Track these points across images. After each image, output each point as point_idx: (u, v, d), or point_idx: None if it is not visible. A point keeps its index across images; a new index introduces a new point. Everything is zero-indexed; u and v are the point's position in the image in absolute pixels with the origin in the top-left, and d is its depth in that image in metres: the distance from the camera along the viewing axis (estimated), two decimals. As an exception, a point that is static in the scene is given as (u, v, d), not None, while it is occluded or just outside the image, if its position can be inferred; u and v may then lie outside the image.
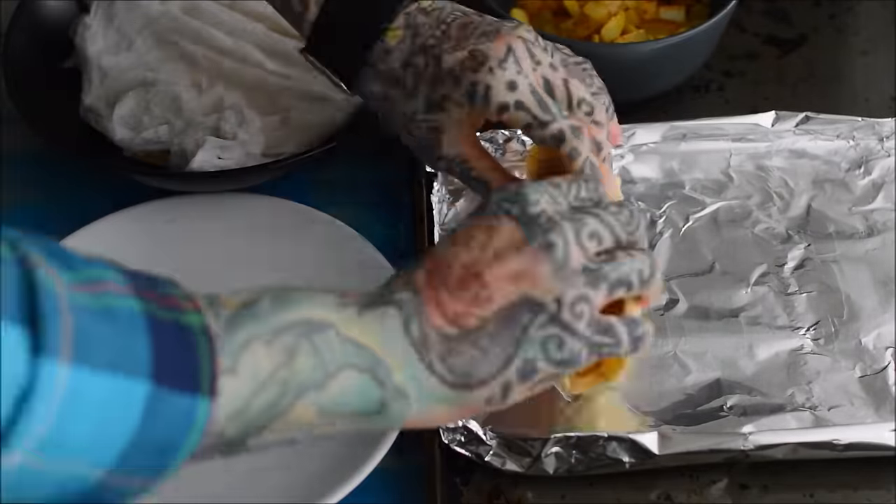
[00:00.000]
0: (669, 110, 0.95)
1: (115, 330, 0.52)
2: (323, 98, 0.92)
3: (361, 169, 0.93)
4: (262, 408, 0.57)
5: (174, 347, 0.54)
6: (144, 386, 0.52)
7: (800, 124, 0.91)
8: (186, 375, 0.54)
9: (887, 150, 0.90)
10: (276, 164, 0.87)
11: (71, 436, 0.51)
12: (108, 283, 0.53)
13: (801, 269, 0.84)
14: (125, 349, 0.52)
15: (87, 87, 0.93)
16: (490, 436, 0.74)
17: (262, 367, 0.57)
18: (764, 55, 1.01)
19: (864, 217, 0.87)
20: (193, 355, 0.54)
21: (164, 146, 0.90)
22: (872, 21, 1.04)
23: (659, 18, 0.97)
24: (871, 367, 0.79)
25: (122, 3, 0.96)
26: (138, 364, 0.52)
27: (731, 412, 0.77)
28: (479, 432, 0.74)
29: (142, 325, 0.53)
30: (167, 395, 0.53)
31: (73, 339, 0.50)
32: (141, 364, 0.52)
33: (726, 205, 0.88)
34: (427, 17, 0.76)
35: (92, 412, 0.51)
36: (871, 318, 0.81)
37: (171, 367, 0.53)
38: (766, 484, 0.75)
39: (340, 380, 0.59)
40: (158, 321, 0.54)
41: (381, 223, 0.89)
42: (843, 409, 0.77)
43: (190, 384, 0.54)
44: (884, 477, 0.75)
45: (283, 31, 0.95)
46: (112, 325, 0.52)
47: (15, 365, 0.49)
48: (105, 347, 0.51)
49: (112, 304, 0.52)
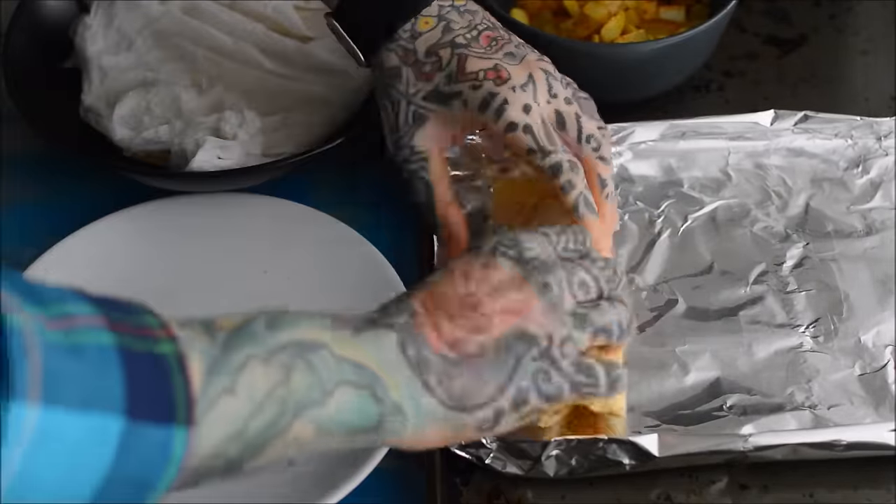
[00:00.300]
0: (669, 110, 0.95)
1: (86, 367, 0.51)
2: (323, 98, 0.92)
3: (361, 169, 0.93)
4: (262, 427, 0.58)
5: (148, 379, 0.54)
6: (118, 422, 0.52)
7: (798, 123, 0.91)
8: (162, 406, 0.54)
9: (885, 149, 0.90)
10: (276, 164, 0.87)
11: (41, 477, 0.50)
12: (79, 317, 0.53)
13: (799, 268, 0.84)
14: (97, 385, 0.52)
15: (87, 87, 0.93)
16: (490, 439, 0.74)
17: (260, 386, 0.58)
18: (764, 55, 1.01)
19: (862, 216, 0.87)
20: (168, 384, 0.54)
21: (164, 146, 0.90)
22: (872, 21, 1.04)
23: (659, 18, 0.97)
24: (870, 365, 0.79)
25: (122, 3, 0.96)
26: (111, 400, 0.52)
27: (731, 412, 0.77)
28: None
29: (114, 358, 0.53)
30: (141, 428, 0.53)
31: (42, 379, 0.50)
32: (114, 399, 0.52)
33: (725, 204, 0.88)
34: (460, 18, 0.79)
35: (64, 451, 0.50)
36: (870, 316, 0.81)
37: (146, 399, 0.53)
38: (765, 484, 0.75)
39: (338, 397, 0.60)
40: (131, 353, 0.53)
41: (381, 223, 0.89)
42: (842, 407, 0.77)
43: (165, 415, 0.54)
44: (884, 477, 0.75)
45: (283, 31, 0.95)
46: (83, 362, 0.51)
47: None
48: (76, 385, 0.51)
49: (83, 340, 0.52)
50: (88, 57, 0.94)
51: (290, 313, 0.62)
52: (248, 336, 0.59)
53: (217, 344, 0.57)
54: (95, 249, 0.86)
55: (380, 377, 0.62)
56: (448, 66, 0.78)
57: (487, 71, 0.77)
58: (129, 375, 0.52)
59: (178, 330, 0.57)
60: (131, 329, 0.54)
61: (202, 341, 0.57)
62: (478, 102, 0.77)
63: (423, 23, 0.79)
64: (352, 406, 0.61)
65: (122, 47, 0.95)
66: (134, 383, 0.52)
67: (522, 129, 0.76)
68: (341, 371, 0.60)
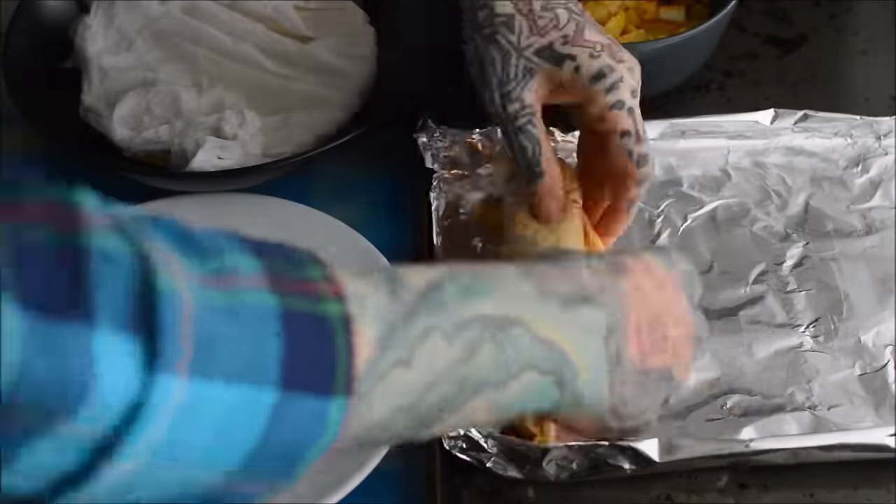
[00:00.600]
0: (670, 110, 0.95)
1: (243, 332, 0.49)
2: (323, 98, 0.92)
3: (361, 169, 0.93)
4: (435, 402, 0.55)
5: (309, 345, 0.51)
6: (271, 394, 0.49)
7: (798, 122, 0.91)
8: (320, 375, 0.51)
9: (885, 149, 0.90)
10: (276, 164, 0.87)
11: (189, 445, 0.48)
12: (240, 275, 0.50)
13: (799, 268, 0.84)
14: (253, 355, 0.49)
15: (87, 87, 0.93)
16: (491, 443, 0.74)
17: (440, 361, 0.55)
18: (764, 55, 1.01)
19: (862, 215, 0.87)
20: (330, 351, 0.51)
21: (164, 146, 0.90)
22: (872, 21, 1.04)
23: (659, 18, 0.97)
24: (870, 364, 0.79)
25: (122, 3, 0.96)
26: (266, 371, 0.49)
27: (731, 413, 0.77)
28: (481, 440, 0.74)
29: (274, 323, 0.50)
30: (296, 399, 0.50)
31: (194, 349, 0.47)
32: (269, 371, 0.49)
33: (724, 203, 0.88)
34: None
35: (211, 422, 0.48)
36: (870, 315, 0.81)
37: (303, 368, 0.50)
38: (765, 483, 0.75)
39: (522, 380, 0.58)
40: (293, 315, 0.50)
41: (381, 223, 0.89)
42: (842, 408, 0.77)
43: (323, 385, 0.51)
44: (884, 477, 0.75)
45: (283, 31, 0.95)
46: (241, 327, 0.49)
47: (126, 380, 0.46)
48: (230, 354, 0.48)
49: (243, 300, 0.49)
50: (88, 57, 0.94)
51: (487, 276, 0.59)
52: (437, 304, 0.55)
53: (399, 306, 0.54)
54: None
55: (570, 361, 0.59)
56: (566, 27, 0.77)
57: (604, 45, 0.77)
58: (287, 344, 0.49)
59: (351, 283, 0.53)
60: (294, 285, 0.51)
61: (380, 301, 0.54)
62: (593, 72, 0.76)
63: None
64: (533, 391, 0.59)
65: (122, 47, 0.95)
66: (292, 352, 0.50)
67: (627, 110, 0.76)
68: (532, 354, 0.58)
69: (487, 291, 0.58)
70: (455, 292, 0.56)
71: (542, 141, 0.77)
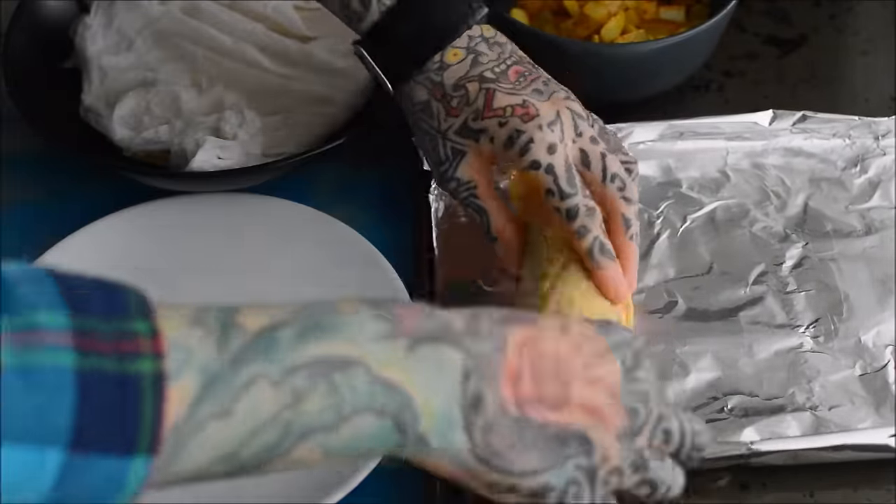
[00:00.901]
0: (669, 110, 0.95)
1: (33, 393, 0.49)
2: (323, 98, 0.92)
3: (361, 169, 0.93)
4: (258, 450, 0.55)
5: (107, 406, 0.50)
6: (58, 455, 0.49)
7: (797, 123, 0.91)
8: (117, 437, 0.50)
9: (883, 149, 0.90)
10: (276, 164, 0.87)
11: None
12: (45, 332, 0.49)
13: (799, 268, 0.84)
14: (40, 415, 0.49)
15: (87, 87, 0.93)
16: None
17: (264, 408, 0.54)
18: (764, 55, 1.01)
19: (861, 215, 0.87)
20: (133, 410, 0.50)
21: (164, 146, 0.90)
22: (872, 21, 1.04)
23: (659, 18, 0.97)
24: (870, 365, 0.79)
25: (122, 3, 0.96)
26: (54, 432, 0.49)
27: (732, 414, 0.77)
28: None
29: (69, 384, 0.49)
30: (89, 459, 0.50)
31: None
32: (57, 431, 0.49)
33: (723, 204, 0.88)
34: (490, 50, 0.78)
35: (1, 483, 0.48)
36: (870, 316, 0.81)
37: (98, 430, 0.50)
38: (765, 483, 0.75)
39: (355, 424, 0.56)
40: (93, 376, 0.50)
41: (381, 223, 0.89)
42: (843, 408, 0.77)
43: (120, 445, 0.50)
44: (884, 477, 0.75)
45: (283, 31, 0.95)
46: (30, 388, 0.49)
47: None
48: (19, 415, 0.48)
49: (38, 361, 0.49)
50: (88, 57, 0.94)
51: (339, 315, 0.57)
52: (267, 348, 0.54)
53: (227, 355, 0.53)
54: (95, 249, 0.86)
55: (413, 402, 0.57)
56: (475, 102, 0.77)
57: (515, 107, 0.76)
58: (81, 403, 0.49)
59: (181, 334, 0.53)
60: (106, 345, 0.50)
61: (207, 351, 0.53)
62: (503, 139, 0.76)
63: (452, 55, 0.78)
64: (369, 434, 0.57)
65: (122, 47, 0.95)
66: (86, 413, 0.49)
67: (545, 170, 0.75)
68: (370, 394, 0.56)
69: (331, 331, 0.56)
70: (291, 335, 0.55)
71: (491, 211, 0.78)
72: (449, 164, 0.78)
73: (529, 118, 0.76)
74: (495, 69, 0.78)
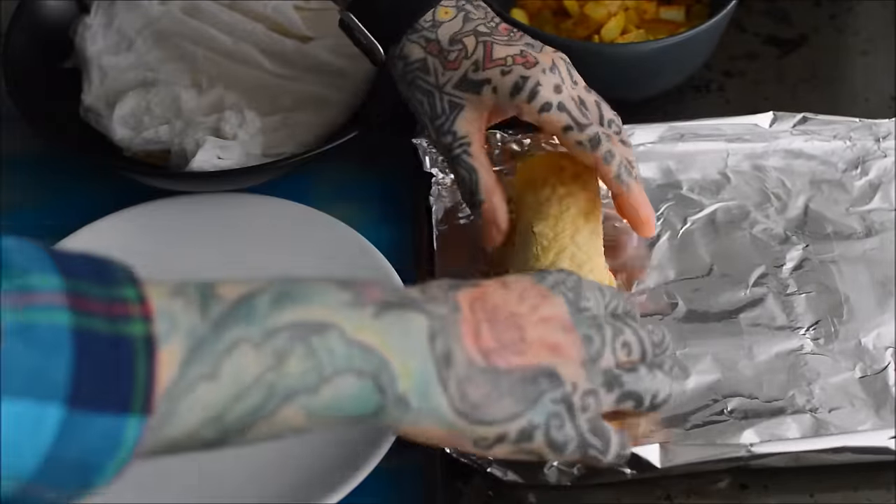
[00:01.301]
0: (669, 110, 0.95)
1: (31, 351, 0.50)
2: (323, 98, 0.92)
3: (361, 169, 0.93)
4: (244, 413, 0.56)
5: (103, 364, 0.51)
6: (57, 410, 0.50)
7: (797, 125, 0.91)
8: (114, 394, 0.52)
9: (884, 151, 0.90)
10: (276, 164, 0.87)
11: None
12: (39, 293, 0.51)
13: (799, 270, 0.84)
14: (39, 372, 0.50)
15: (87, 87, 0.93)
16: None
17: (248, 371, 0.56)
18: (764, 55, 1.01)
19: (861, 217, 0.87)
20: (127, 370, 0.52)
21: (164, 146, 0.90)
22: (872, 21, 1.04)
23: (659, 18, 0.97)
24: (871, 367, 0.79)
25: (122, 3, 0.96)
26: (52, 387, 0.50)
27: (732, 416, 0.77)
28: None
29: (65, 342, 0.51)
30: (85, 417, 0.51)
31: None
32: (56, 387, 0.50)
33: (724, 206, 0.88)
34: (476, 10, 0.81)
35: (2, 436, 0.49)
36: (871, 318, 0.81)
37: (94, 387, 0.51)
38: (766, 484, 0.75)
39: (336, 384, 0.58)
40: (88, 335, 0.51)
41: (381, 223, 0.89)
42: (843, 410, 0.77)
43: (116, 403, 0.52)
44: (884, 477, 0.75)
45: (283, 31, 0.95)
46: (28, 346, 0.50)
47: None
48: (19, 370, 0.49)
49: (34, 319, 0.50)
50: (88, 57, 0.94)
51: (308, 284, 0.60)
52: (246, 314, 0.56)
53: (208, 321, 0.55)
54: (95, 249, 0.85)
55: (389, 364, 0.60)
56: (474, 54, 0.79)
57: (515, 56, 0.79)
58: (78, 361, 0.51)
59: (165, 302, 0.55)
60: (99, 306, 0.52)
61: (191, 317, 0.55)
62: (509, 87, 0.78)
63: (443, 12, 0.81)
64: (350, 394, 0.59)
65: (122, 47, 0.95)
66: (83, 369, 0.51)
67: (557, 108, 0.78)
68: (348, 357, 0.58)
69: (303, 298, 0.59)
70: (268, 301, 0.58)
71: (480, 169, 0.80)
72: (445, 118, 0.80)
73: (531, 65, 0.78)
74: (487, 24, 0.80)
